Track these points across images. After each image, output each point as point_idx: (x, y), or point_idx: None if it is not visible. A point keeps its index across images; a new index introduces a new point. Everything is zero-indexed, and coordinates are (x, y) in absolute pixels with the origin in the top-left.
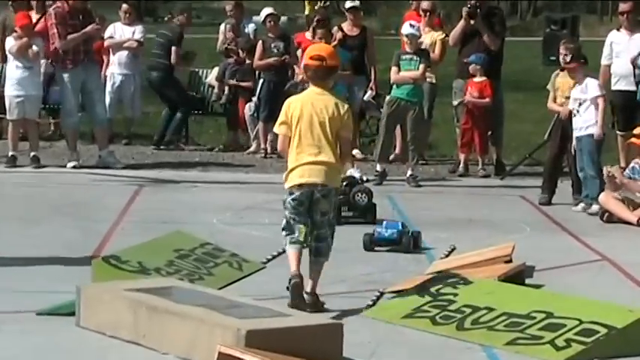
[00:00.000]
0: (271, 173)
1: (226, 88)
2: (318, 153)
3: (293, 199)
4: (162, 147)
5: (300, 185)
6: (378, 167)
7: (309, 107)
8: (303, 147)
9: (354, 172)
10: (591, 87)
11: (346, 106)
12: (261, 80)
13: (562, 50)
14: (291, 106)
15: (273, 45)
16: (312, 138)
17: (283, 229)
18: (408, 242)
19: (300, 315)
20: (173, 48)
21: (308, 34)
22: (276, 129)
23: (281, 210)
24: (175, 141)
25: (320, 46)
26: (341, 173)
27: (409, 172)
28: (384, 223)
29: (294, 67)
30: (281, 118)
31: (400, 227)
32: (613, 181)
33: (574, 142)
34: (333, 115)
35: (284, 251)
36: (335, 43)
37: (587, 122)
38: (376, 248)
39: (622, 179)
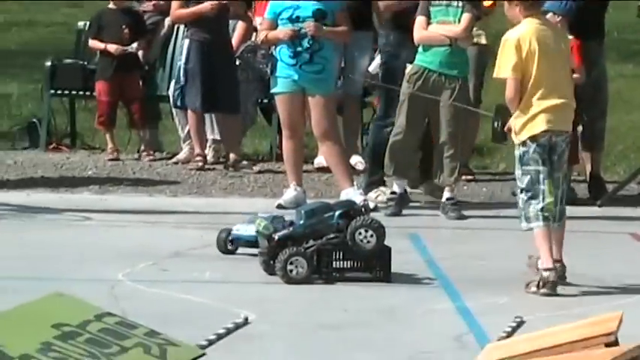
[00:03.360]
0: (215, 196)
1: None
2: (562, 95)
3: (538, 146)
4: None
5: (545, 132)
6: (395, 187)
7: (543, 41)
8: (545, 89)
9: (353, 194)
10: None
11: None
12: (185, 42)
13: None
14: (521, 41)
15: None
16: (553, 77)
17: (522, 191)
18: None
19: None
20: None
21: None
22: (507, 72)
23: (230, 258)
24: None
25: None
26: None
27: (446, 195)
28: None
29: (249, 15)
30: (512, 58)
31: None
32: None
33: None
34: (564, 48)
35: (244, 322)
36: None
37: None
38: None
39: None
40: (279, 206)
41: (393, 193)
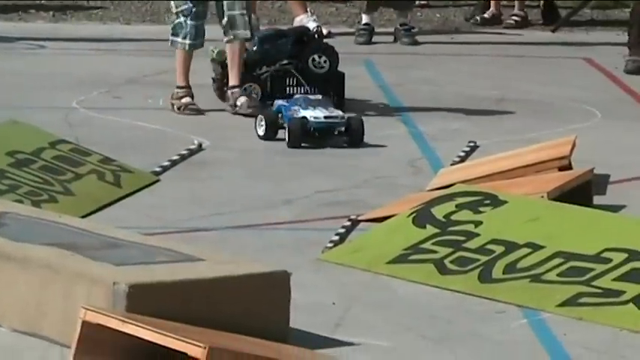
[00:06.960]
0: (168, 23)
1: None
2: None
3: None
4: None
5: None
6: (366, 18)
7: None
8: None
9: (306, 20)
10: None
11: None
12: None
13: None
14: None
15: None
16: None
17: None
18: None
19: (218, 260)
20: None
21: None
22: None
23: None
24: None
25: None
26: None
27: (400, 21)
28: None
29: None
30: None
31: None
32: None
33: None
34: None
35: (198, 148)
36: None
37: None
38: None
39: None
40: None
41: (366, 24)
